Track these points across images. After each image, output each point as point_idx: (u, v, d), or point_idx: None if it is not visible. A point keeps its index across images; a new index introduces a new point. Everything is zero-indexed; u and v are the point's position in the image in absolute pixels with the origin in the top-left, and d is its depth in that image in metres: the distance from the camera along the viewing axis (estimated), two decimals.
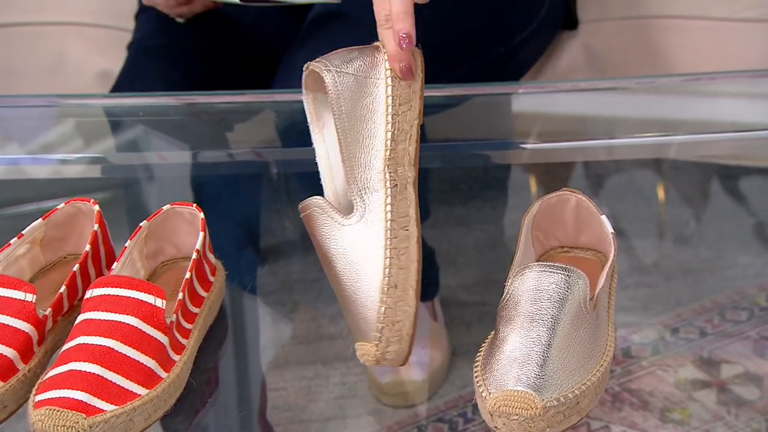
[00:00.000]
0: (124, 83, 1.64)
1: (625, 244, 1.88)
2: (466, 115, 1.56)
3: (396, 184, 1.07)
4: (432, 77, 1.19)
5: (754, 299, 1.84)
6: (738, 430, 1.62)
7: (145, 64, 1.66)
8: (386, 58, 1.12)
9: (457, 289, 1.88)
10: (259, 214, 1.71)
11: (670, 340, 1.77)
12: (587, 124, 1.56)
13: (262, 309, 1.58)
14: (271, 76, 1.60)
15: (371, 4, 1.56)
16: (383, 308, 1.02)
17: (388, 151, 1.09)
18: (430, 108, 1.44)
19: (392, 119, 1.10)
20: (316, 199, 1.07)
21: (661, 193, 1.98)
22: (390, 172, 1.07)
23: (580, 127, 1.55)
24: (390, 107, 1.10)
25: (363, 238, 1.05)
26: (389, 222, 1.05)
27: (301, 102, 1.32)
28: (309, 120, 1.14)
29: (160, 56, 1.65)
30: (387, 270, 1.03)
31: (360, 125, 1.10)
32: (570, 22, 1.81)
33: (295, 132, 1.49)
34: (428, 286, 1.73)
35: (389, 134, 1.09)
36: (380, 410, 1.70)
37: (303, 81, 1.14)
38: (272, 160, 1.56)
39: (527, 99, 1.57)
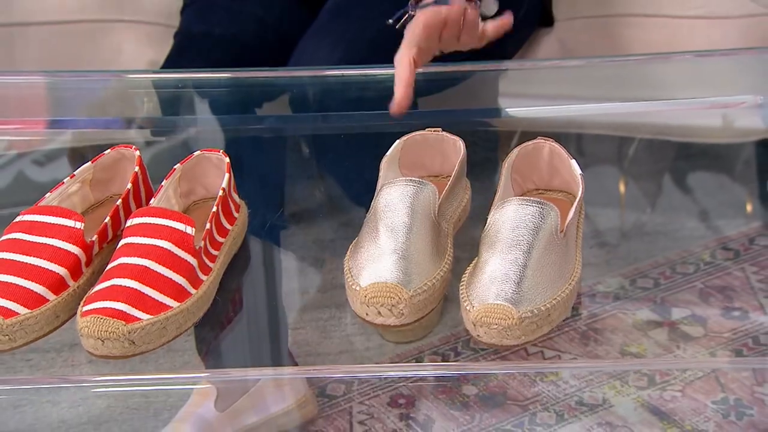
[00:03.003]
0: (172, 62, 1.62)
1: (591, 211, 1.86)
2: (457, 97, 1.53)
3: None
4: None
5: (700, 256, 1.81)
6: None
7: (188, 47, 1.64)
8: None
9: None
10: (285, 180, 1.67)
11: (629, 289, 1.76)
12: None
13: (286, 262, 1.54)
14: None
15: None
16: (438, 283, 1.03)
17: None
18: (423, 88, 1.42)
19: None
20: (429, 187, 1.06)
21: (622, 168, 1.95)
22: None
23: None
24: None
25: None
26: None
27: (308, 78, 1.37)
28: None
29: (200, 41, 1.63)
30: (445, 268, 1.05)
31: None
32: (547, 20, 1.77)
33: (303, 101, 1.50)
34: None
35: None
36: (384, 345, 1.68)
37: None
38: (301, 139, 1.55)
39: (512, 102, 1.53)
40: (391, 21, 1.28)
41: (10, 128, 1.51)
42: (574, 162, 1.10)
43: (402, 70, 1.24)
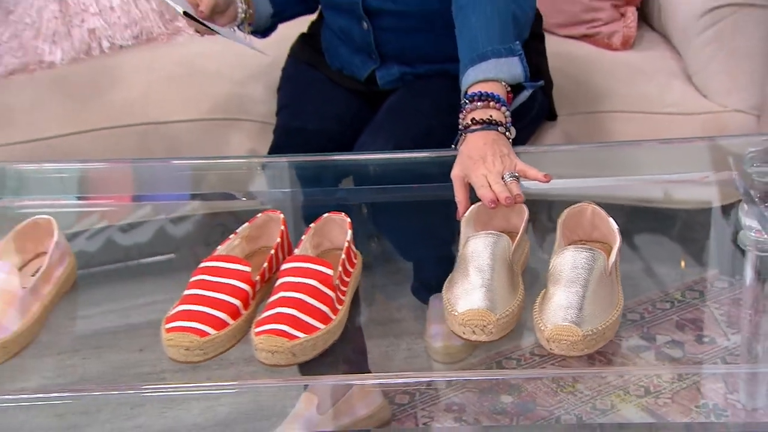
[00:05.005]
0: (274, 151, 1.66)
1: None
2: None
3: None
4: None
5: (674, 295, 1.82)
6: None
7: (287, 140, 1.67)
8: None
9: None
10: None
11: (621, 321, 1.74)
12: None
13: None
14: None
15: (437, 96, 1.60)
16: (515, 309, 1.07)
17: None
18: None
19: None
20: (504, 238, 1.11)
21: None
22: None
23: None
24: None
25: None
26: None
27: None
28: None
29: (296, 135, 1.66)
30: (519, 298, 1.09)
31: None
32: (551, 115, 1.80)
33: (363, 177, 1.54)
34: None
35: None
36: (434, 366, 1.66)
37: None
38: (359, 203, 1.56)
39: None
40: (453, 145, 1.32)
41: (109, 202, 1.56)
42: (611, 220, 1.15)
43: (457, 189, 1.25)
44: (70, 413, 1.58)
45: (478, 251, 1.08)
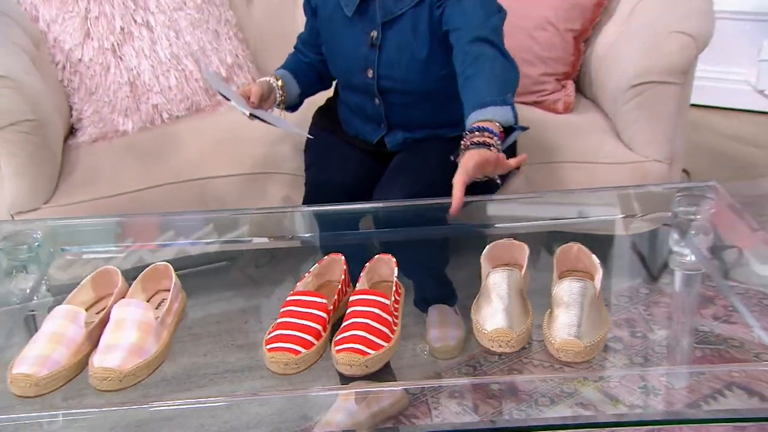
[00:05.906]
0: (307, 201, 1.67)
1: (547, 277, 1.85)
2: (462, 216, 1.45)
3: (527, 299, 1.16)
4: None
5: (611, 301, 1.77)
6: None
7: (316, 192, 1.68)
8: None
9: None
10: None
11: None
12: None
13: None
14: None
15: (435, 156, 1.63)
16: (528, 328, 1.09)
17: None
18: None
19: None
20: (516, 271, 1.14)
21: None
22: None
23: None
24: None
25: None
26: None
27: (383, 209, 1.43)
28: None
29: (323, 188, 1.67)
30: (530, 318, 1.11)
31: None
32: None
33: (378, 221, 1.53)
34: (452, 298, 1.69)
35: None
36: (434, 361, 1.67)
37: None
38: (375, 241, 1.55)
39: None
40: (452, 158, 1.28)
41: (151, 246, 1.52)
42: (594, 256, 1.20)
43: (456, 190, 1.23)
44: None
45: (498, 282, 1.12)
